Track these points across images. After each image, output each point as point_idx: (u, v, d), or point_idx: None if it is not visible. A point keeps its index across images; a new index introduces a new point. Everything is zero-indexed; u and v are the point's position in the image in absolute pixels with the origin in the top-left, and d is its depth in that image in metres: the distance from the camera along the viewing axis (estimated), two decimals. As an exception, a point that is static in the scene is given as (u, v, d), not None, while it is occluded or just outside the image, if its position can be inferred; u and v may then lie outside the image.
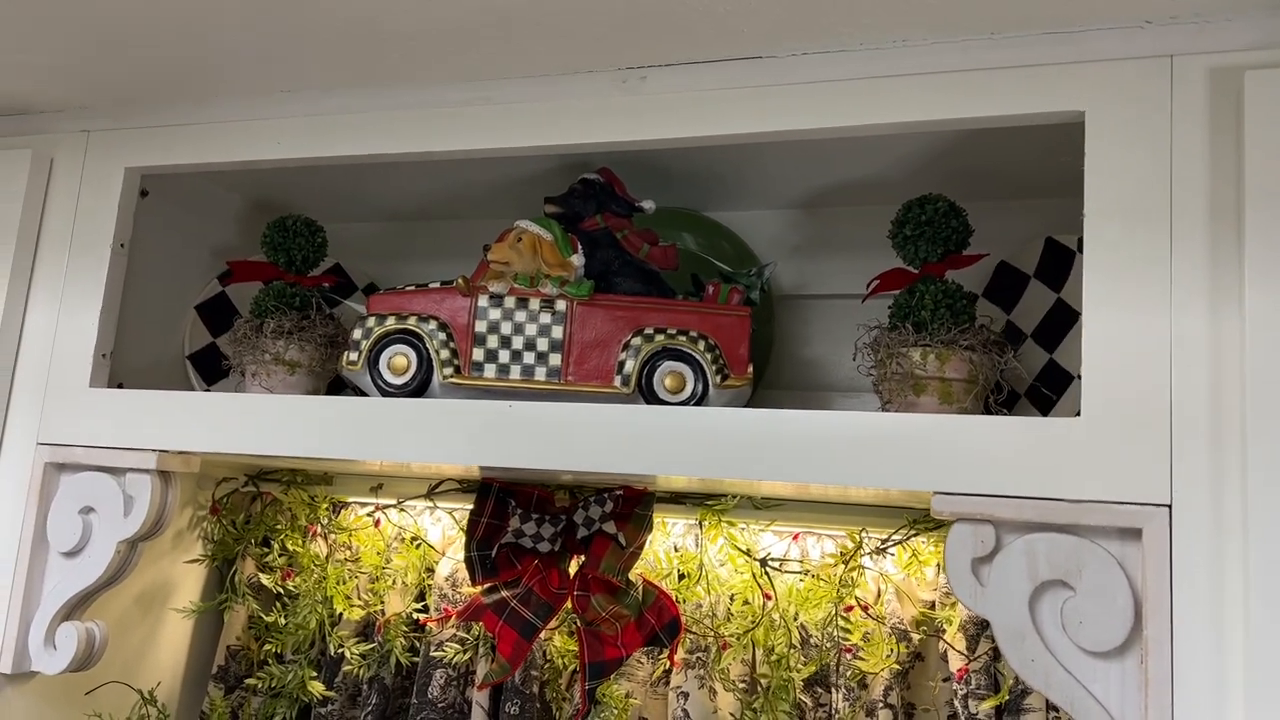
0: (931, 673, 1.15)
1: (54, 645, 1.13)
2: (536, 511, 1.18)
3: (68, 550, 1.14)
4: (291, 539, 1.33)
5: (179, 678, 1.37)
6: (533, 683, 1.24)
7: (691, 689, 1.16)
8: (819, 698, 1.18)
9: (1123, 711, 0.80)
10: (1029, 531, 0.83)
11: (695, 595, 1.19)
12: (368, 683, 1.31)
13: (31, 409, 1.18)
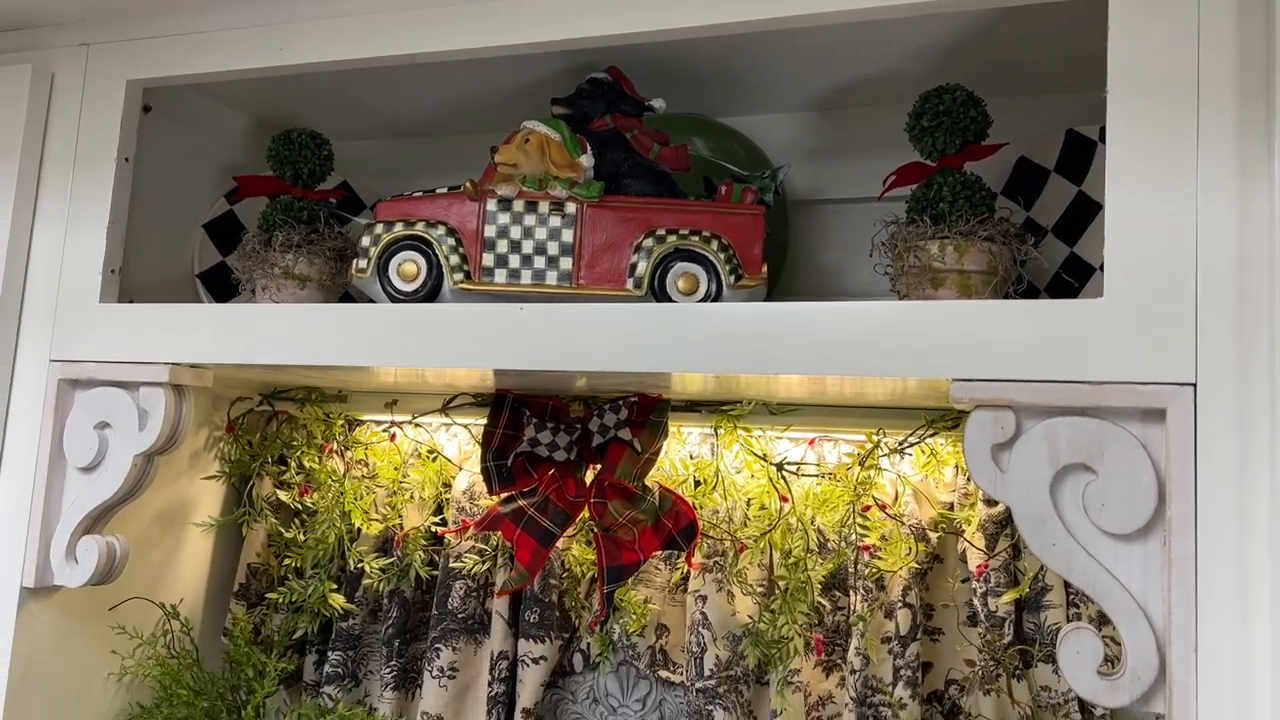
0: (950, 573, 1.14)
1: (75, 559, 1.14)
2: (551, 420, 1.18)
3: (85, 465, 1.14)
4: (308, 455, 1.33)
5: (201, 595, 1.38)
6: (552, 591, 1.25)
7: (710, 592, 1.16)
8: (837, 601, 1.18)
9: (1145, 593, 0.79)
10: (1049, 416, 0.82)
11: (712, 501, 1.19)
12: (388, 596, 1.32)
13: (43, 327, 1.17)
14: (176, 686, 1.24)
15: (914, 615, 1.10)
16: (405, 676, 1.32)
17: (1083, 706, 1.05)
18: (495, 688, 1.24)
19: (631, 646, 1.22)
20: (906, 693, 1.07)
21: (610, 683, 1.26)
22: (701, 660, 1.15)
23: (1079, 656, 0.80)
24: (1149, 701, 0.78)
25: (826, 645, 1.17)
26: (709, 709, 1.13)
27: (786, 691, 1.12)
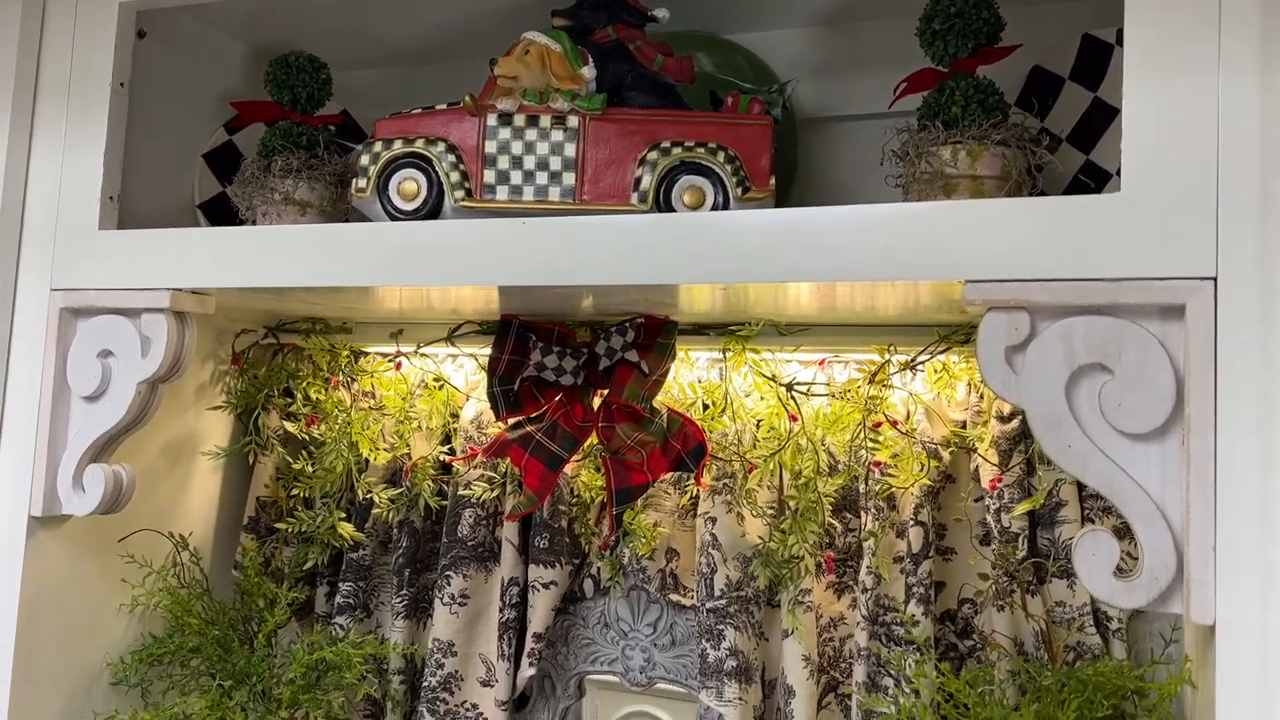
0: (963, 493, 1.13)
1: (82, 487, 1.14)
2: (558, 345, 1.16)
3: (89, 394, 1.14)
4: (314, 386, 1.32)
5: (210, 529, 1.38)
6: (561, 517, 1.24)
7: (719, 514, 1.15)
8: (848, 522, 1.17)
9: (1163, 493, 0.77)
10: (1065, 316, 0.80)
11: (721, 424, 1.17)
12: (397, 526, 1.32)
13: (42, 256, 1.16)
14: (187, 616, 1.24)
15: (926, 533, 1.08)
16: (416, 606, 1.32)
17: (1097, 620, 1.04)
18: (506, 613, 1.23)
19: (642, 570, 1.21)
20: (919, 610, 1.06)
21: (621, 607, 1.26)
22: (712, 581, 1.14)
23: (1094, 559, 0.79)
24: (1166, 602, 0.77)
25: (837, 565, 1.16)
26: (719, 628, 1.13)
27: (798, 611, 1.12)
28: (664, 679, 1.23)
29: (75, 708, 1.19)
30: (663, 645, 1.24)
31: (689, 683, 1.22)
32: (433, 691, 1.25)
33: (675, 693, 1.23)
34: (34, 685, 1.15)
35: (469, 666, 1.27)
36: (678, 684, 1.22)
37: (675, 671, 1.23)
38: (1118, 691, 0.94)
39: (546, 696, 1.29)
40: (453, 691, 1.25)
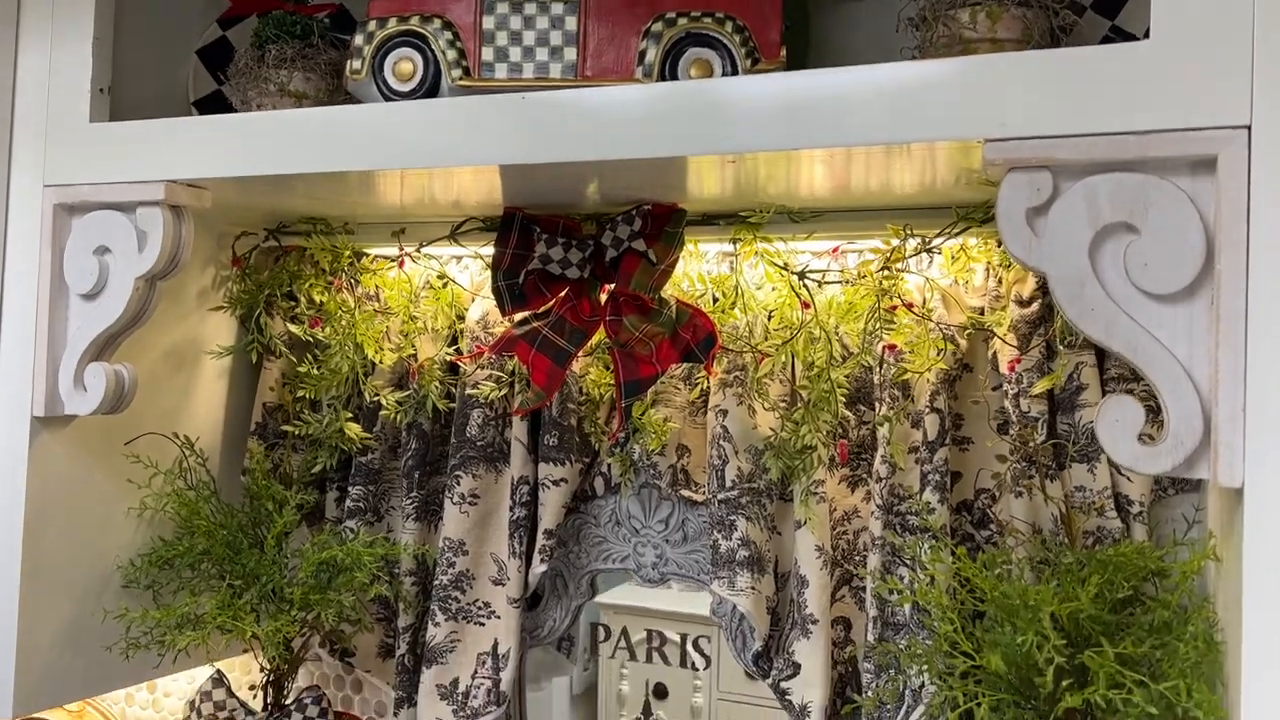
0: (980, 380, 1.10)
1: (83, 386, 1.12)
2: (563, 237, 1.13)
3: (86, 292, 1.12)
4: (317, 288, 1.30)
5: (218, 437, 1.37)
6: (570, 415, 1.22)
7: (730, 406, 1.13)
8: (862, 415, 1.15)
9: (1190, 356, 0.74)
10: (1089, 173, 0.77)
11: (731, 317, 1.14)
12: (406, 429, 1.30)
13: (34, 152, 1.13)
14: (196, 519, 1.24)
15: (942, 421, 1.06)
16: (427, 509, 1.30)
17: (1118, 504, 1.02)
18: (516, 512, 1.22)
19: (653, 466, 1.19)
20: (935, 498, 1.04)
21: (632, 505, 1.25)
22: (723, 472, 1.12)
23: (1118, 424, 0.76)
24: (1192, 467, 0.74)
25: (852, 459, 1.14)
26: (731, 519, 1.11)
27: (811, 502, 1.10)
28: (676, 574, 1.22)
29: (86, 608, 1.19)
30: (674, 541, 1.22)
31: (701, 577, 1.21)
32: (444, 590, 1.24)
33: (695, 616, 1.24)
34: (44, 586, 1.15)
35: (480, 565, 1.26)
36: (690, 578, 1.21)
37: (687, 567, 1.22)
38: (1138, 572, 0.92)
39: (559, 595, 1.28)
40: (464, 590, 1.25)
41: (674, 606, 1.25)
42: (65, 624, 1.17)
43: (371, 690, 1.42)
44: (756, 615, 1.10)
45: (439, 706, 1.23)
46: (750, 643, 1.15)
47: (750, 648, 1.15)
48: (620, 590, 1.30)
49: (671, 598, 1.25)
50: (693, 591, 1.21)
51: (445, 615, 1.24)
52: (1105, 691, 0.82)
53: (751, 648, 1.15)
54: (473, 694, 1.22)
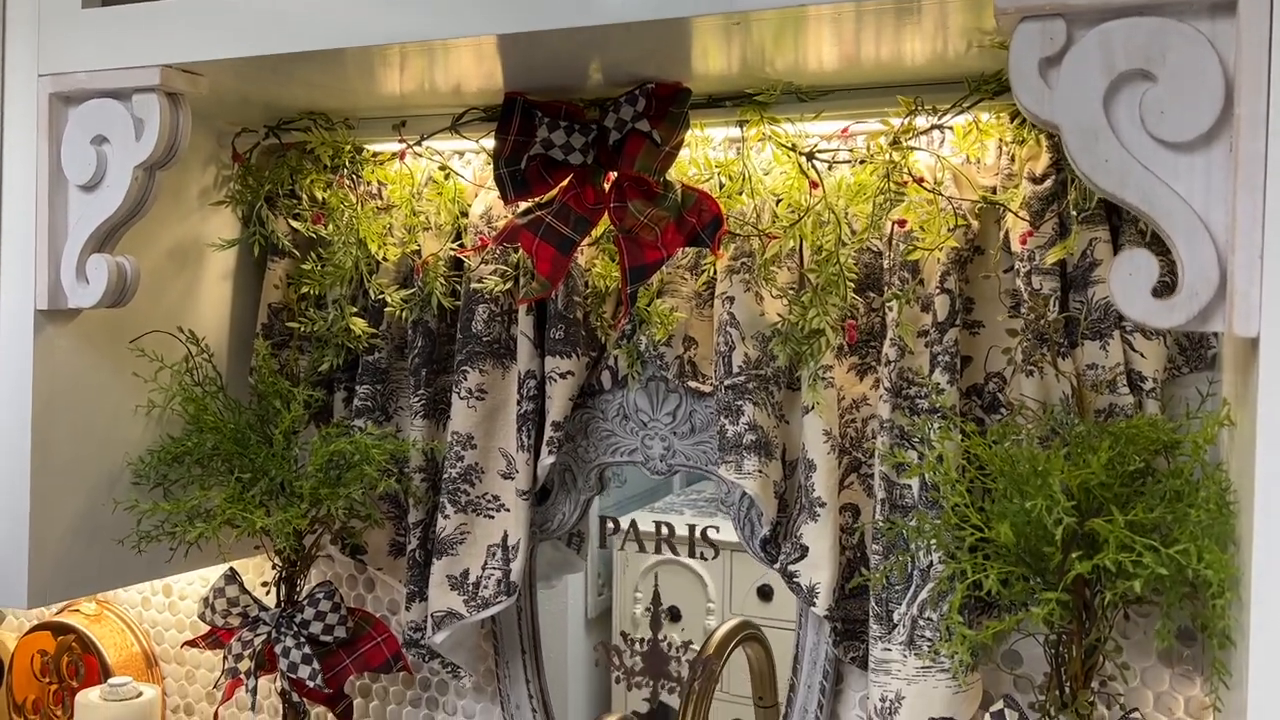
0: (992, 264, 1.08)
1: (85, 278, 1.11)
2: (565, 121, 1.11)
3: (85, 183, 1.11)
4: (319, 184, 1.29)
5: (224, 337, 1.37)
6: (576, 308, 1.21)
7: (737, 293, 1.12)
8: (871, 302, 1.13)
9: (1206, 205, 0.72)
10: (1104, 19, 0.74)
11: (739, 202, 1.12)
12: (412, 327, 1.29)
13: (27, 41, 1.11)
14: (204, 414, 1.24)
15: (952, 301, 1.04)
16: (435, 407, 1.30)
17: (1131, 380, 1.00)
18: (524, 406, 1.22)
19: (659, 357, 1.18)
20: (944, 379, 1.03)
21: (640, 398, 1.24)
22: (730, 358, 1.11)
23: (1132, 278, 0.74)
24: (1206, 320, 0.73)
25: (860, 346, 1.13)
26: (738, 404, 1.10)
27: (819, 387, 1.09)
28: (684, 466, 1.22)
29: (97, 503, 1.20)
30: (682, 433, 1.22)
31: (709, 468, 1.20)
32: (453, 483, 1.24)
33: (705, 506, 1.24)
34: (54, 481, 1.15)
35: (489, 460, 1.26)
36: (697, 469, 1.21)
37: (695, 458, 1.21)
38: (1151, 445, 0.91)
39: (568, 489, 1.28)
40: (473, 483, 1.25)
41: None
42: (77, 518, 1.18)
43: (384, 589, 1.43)
44: (764, 498, 1.09)
45: (450, 597, 1.23)
46: (758, 529, 1.15)
47: (758, 534, 1.15)
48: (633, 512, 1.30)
49: (685, 523, 1.26)
50: (706, 517, 1.22)
51: (455, 508, 1.24)
52: (1115, 555, 0.82)
53: (759, 534, 1.15)
54: (483, 584, 1.23)
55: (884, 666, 1.05)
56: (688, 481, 1.28)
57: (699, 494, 1.29)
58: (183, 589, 1.56)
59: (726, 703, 1.28)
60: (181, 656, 1.57)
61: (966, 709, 1.04)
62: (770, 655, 1.26)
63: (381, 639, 1.34)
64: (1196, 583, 0.81)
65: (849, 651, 1.12)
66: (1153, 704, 1.05)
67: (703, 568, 1.31)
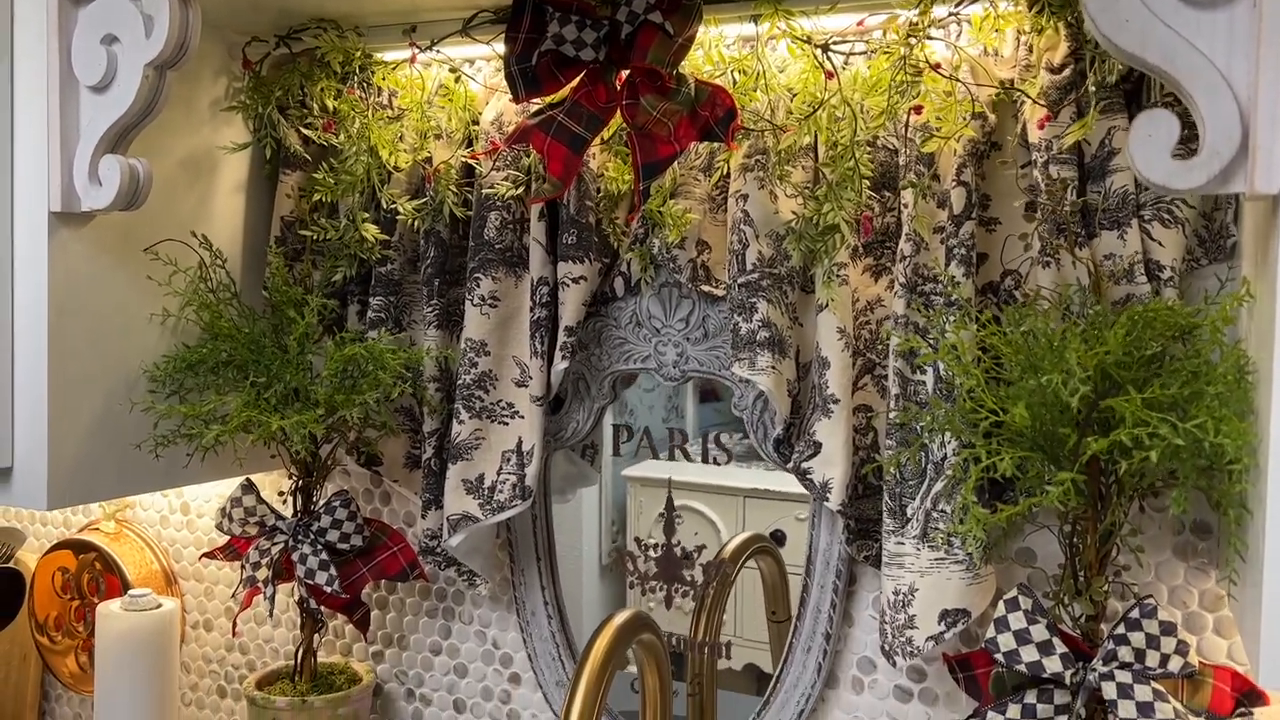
0: (1010, 159, 1.07)
1: (98, 180, 1.11)
2: (576, 15, 1.09)
3: (96, 84, 1.10)
4: (329, 92, 1.28)
5: (238, 250, 1.37)
6: (588, 213, 1.20)
7: (751, 190, 1.11)
8: (887, 201, 1.12)
9: (1229, 62, 0.71)
10: (1128, -126, 0.72)
11: (754, 98, 1.11)
12: (424, 238, 1.29)
13: (35, -60, 1.11)
14: (219, 322, 1.24)
15: (969, 194, 1.03)
16: (448, 317, 1.30)
17: (1148, 269, 0.99)
18: (537, 312, 1.21)
19: (672, 260, 1.18)
20: (960, 272, 1.02)
21: (653, 304, 1.24)
22: (743, 256, 1.10)
23: (1151, 140, 0.73)
24: (1227, 180, 0.72)
25: (875, 241, 1.12)
26: (752, 302, 1.10)
27: (833, 284, 1.08)
28: (697, 372, 1.22)
29: (114, 408, 1.20)
30: (695, 339, 1.22)
31: (722, 373, 1.20)
32: (468, 389, 1.25)
33: (720, 486, 1.24)
34: (71, 384, 1.16)
35: (503, 368, 1.26)
36: (710, 374, 1.21)
37: (708, 364, 1.21)
38: (1169, 329, 0.90)
39: (581, 397, 1.29)
40: (488, 390, 1.25)
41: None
42: (94, 422, 1.19)
43: (400, 501, 1.44)
44: (777, 395, 1.09)
45: (465, 501, 1.24)
46: (771, 430, 1.15)
47: (771, 435, 1.15)
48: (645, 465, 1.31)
49: (697, 470, 1.26)
50: (725, 495, 1.22)
51: (469, 413, 1.24)
52: (1131, 430, 0.81)
53: (773, 435, 1.15)
54: (498, 489, 1.24)
55: (897, 560, 1.06)
56: (700, 431, 1.28)
57: (712, 444, 1.29)
58: (200, 506, 1.58)
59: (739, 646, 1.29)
60: (200, 573, 1.58)
61: (980, 601, 1.04)
62: (784, 569, 1.27)
63: (398, 548, 1.35)
64: (1213, 458, 0.81)
65: (862, 550, 1.13)
66: (1167, 598, 1.05)
67: (716, 513, 1.31)
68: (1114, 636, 0.92)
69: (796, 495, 1.20)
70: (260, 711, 1.31)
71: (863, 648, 1.18)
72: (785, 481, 1.20)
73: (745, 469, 1.27)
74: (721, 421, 1.26)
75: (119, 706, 1.38)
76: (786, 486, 1.21)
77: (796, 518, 1.22)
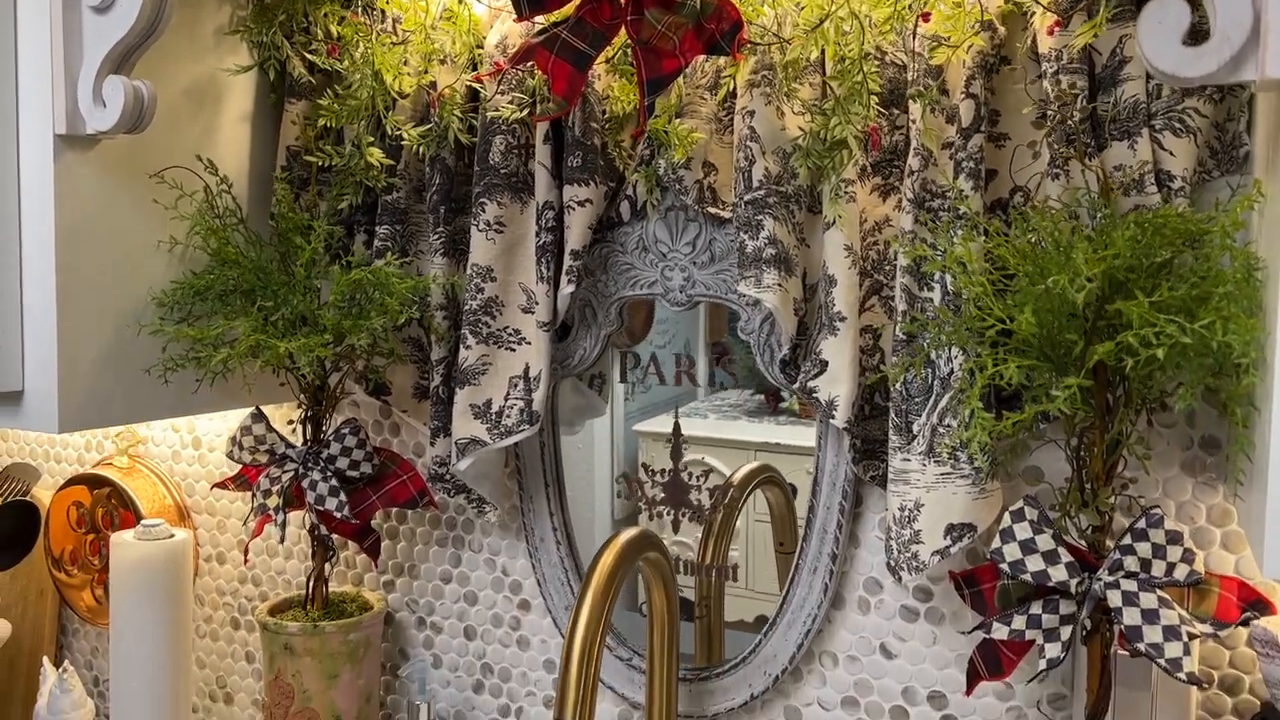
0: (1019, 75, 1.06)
1: (102, 101, 1.11)
2: (580, -70, 1.08)
3: (98, 4, 1.10)
4: (333, 15, 1.27)
5: (244, 182, 1.36)
6: (593, 135, 1.20)
7: (758, 106, 1.10)
8: (895, 119, 1.11)
9: (1242, -55, 0.70)
10: None
11: (760, 14, 1.10)
12: (430, 165, 1.29)
13: None
14: (225, 248, 1.24)
15: (977, 106, 1.02)
16: (454, 246, 1.30)
17: (1159, 179, 0.98)
18: (543, 237, 1.21)
19: (678, 181, 1.17)
20: (968, 184, 1.01)
21: (659, 229, 1.23)
22: (750, 173, 1.10)
23: (1161, 26, 0.72)
24: (1238, 67, 0.71)
25: (884, 159, 1.11)
26: (758, 219, 1.09)
27: (840, 202, 1.07)
28: (704, 296, 1.21)
29: (123, 336, 1.21)
30: (702, 263, 1.21)
31: (729, 296, 1.20)
32: (474, 315, 1.25)
33: (731, 440, 1.24)
34: (80, 309, 1.16)
35: (509, 294, 1.26)
36: (717, 298, 1.20)
37: (715, 287, 1.21)
38: (1178, 235, 0.89)
39: (588, 324, 1.29)
40: (494, 316, 1.25)
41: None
42: (104, 347, 1.19)
43: (409, 432, 1.44)
44: (784, 313, 1.09)
45: (473, 425, 1.25)
46: (777, 352, 1.15)
47: (777, 357, 1.15)
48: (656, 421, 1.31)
49: (709, 425, 1.26)
50: (729, 420, 1.22)
51: (476, 339, 1.25)
52: (1139, 330, 0.81)
53: (779, 356, 1.14)
54: (505, 413, 1.24)
55: (903, 476, 1.05)
56: (713, 389, 1.28)
57: (723, 399, 1.29)
58: (211, 441, 1.59)
59: (744, 598, 1.29)
60: (213, 507, 1.60)
61: (986, 516, 1.04)
62: (790, 500, 1.27)
63: (407, 476, 1.36)
64: (1221, 359, 0.80)
65: (869, 470, 1.13)
66: (1175, 514, 1.04)
67: (727, 468, 1.31)
68: (1120, 547, 0.92)
69: (807, 449, 1.20)
70: (272, 637, 1.33)
71: (869, 569, 1.18)
72: (796, 436, 1.20)
73: (756, 424, 1.27)
74: (733, 385, 1.26)
75: (133, 636, 1.39)
76: (797, 440, 1.21)
77: (806, 471, 1.22)
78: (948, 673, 1.15)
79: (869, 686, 1.19)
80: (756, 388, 1.27)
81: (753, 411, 1.27)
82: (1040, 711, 1.11)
